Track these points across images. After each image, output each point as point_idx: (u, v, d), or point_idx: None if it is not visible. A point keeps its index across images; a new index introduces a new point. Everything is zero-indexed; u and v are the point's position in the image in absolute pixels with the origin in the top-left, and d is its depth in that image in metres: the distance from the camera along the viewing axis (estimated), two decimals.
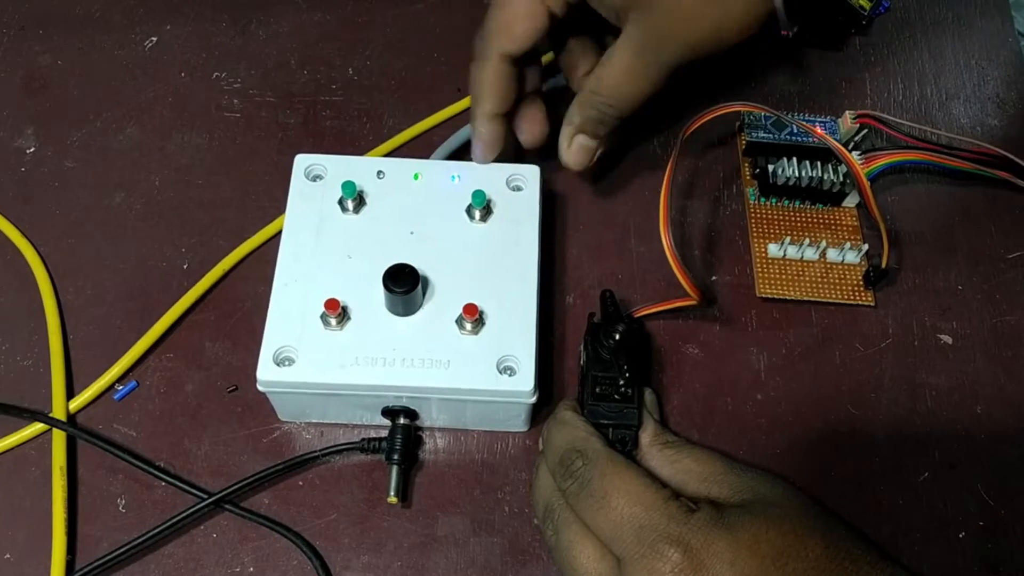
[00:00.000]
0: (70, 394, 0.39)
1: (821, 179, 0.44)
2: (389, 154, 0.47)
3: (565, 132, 0.39)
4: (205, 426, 0.39)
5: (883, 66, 0.51)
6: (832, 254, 0.43)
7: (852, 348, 0.42)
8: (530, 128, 0.41)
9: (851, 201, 0.45)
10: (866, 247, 0.43)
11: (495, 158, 0.40)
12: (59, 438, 0.38)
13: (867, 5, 0.50)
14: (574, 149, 0.39)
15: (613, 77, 0.36)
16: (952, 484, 0.38)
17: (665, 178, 0.38)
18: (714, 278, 0.43)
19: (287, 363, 0.36)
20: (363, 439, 0.38)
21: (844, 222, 0.45)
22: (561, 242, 0.44)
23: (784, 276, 0.43)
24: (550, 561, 0.36)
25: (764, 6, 0.35)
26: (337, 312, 0.36)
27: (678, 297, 0.39)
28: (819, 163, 0.44)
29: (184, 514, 0.36)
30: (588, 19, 0.38)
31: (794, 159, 0.44)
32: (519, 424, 0.39)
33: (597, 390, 0.36)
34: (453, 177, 0.41)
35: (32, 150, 0.47)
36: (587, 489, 0.32)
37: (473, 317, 0.36)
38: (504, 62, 0.37)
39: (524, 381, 0.36)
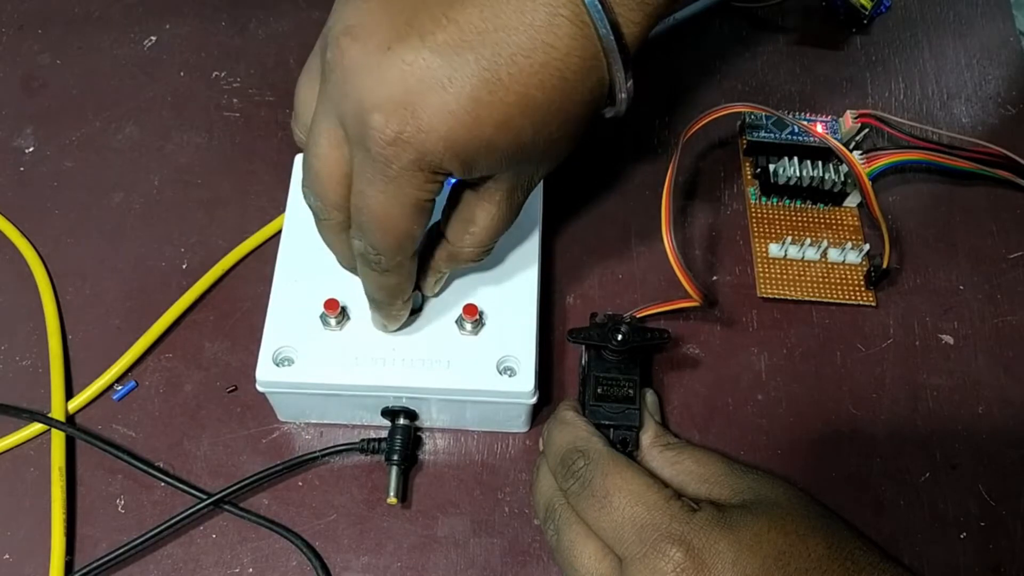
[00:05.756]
0: (69, 394, 0.39)
1: (822, 179, 0.43)
2: None
3: (433, 278, 0.36)
4: (204, 426, 0.39)
5: (884, 66, 0.51)
6: (833, 254, 0.43)
7: (853, 348, 0.41)
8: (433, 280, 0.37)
9: (852, 201, 0.44)
10: (867, 247, 0.43)
11: None
12: (58, 438, 0.38)
13: (868, 4, 0.50)
14: (440, 287, 0.37)
15: (487, 228, 0.33)
16: (953, 484, 0.38)
17: (667, 179, 0.38)
18: (715, 278, 0.43)
19: (286, 363, 0.36)
20: (363, 440, 0.38)
21: (845, 222, 0.44)
22: (561, 242, 0.44)
23: (785, 276, 0.43)
24: (551, 561, 0.36)
25: (602, 101, 0.32)
26: (336, 312, 0.36)
27: (679, 297, 0.39)
28: (820, 163, 0.44)
29: (183, 514, 0.36)
30: None
31: (795, 159, 0.44)
32: (519, 424, 0.39)
33: (599, 391, 0.36)
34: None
35: (31, 149, 0.47)
36: (589, 489, 0.32)
37: (473, 317, 0.36)
38: (410, 260, 0.33)
39: (524, 381, 0.36)
